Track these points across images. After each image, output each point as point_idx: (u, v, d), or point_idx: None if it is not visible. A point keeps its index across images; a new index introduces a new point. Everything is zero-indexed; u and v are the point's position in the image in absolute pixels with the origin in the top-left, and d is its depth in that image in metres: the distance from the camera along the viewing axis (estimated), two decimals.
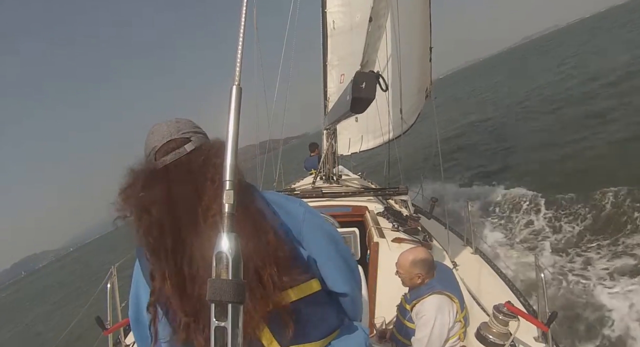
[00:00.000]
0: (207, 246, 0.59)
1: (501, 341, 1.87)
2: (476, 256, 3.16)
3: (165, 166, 0.78)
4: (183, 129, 0.82)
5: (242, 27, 0.58)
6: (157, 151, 0.80)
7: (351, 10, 5.37)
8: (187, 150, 0.79)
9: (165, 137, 0.81)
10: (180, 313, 0.73)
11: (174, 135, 0.81)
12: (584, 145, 8.55)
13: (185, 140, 0.81)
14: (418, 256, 1.87)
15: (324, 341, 0.80)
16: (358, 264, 1.00)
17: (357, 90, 1.88)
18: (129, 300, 0.86)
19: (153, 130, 0.84)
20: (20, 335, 14.73)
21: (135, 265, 0.85)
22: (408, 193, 3.85)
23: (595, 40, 29.79)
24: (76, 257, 69.38)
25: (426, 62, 4.41)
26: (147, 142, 0.83)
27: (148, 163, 0.80)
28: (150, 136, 0.83)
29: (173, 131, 0.82)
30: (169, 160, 0.78)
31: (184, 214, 0.74)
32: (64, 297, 17.04)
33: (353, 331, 0.87)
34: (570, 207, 6.13)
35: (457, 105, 25.78)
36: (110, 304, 2.32)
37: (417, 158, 10.96)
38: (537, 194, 6.96)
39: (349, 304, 0.91)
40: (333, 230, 0.93)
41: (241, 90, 0.56)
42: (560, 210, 6.20)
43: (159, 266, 0.75)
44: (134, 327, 0.86)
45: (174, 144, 0.80)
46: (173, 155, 0.78)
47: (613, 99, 10.96)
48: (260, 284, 0.72)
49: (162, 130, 0.82)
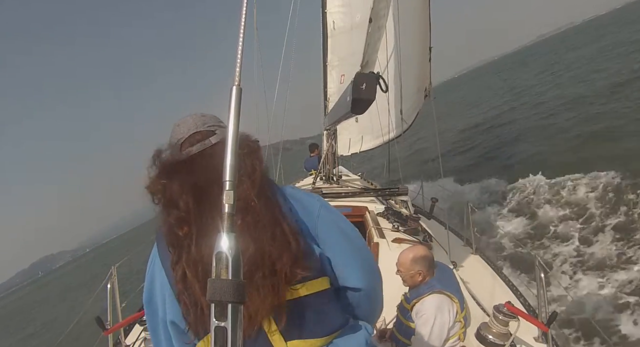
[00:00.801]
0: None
1: (501, 341, 1.87)
2: (476, 256, 3.17)
3: (191, 157, 0.80)
4: (208, 122, 0.85)
5: (242, 27, 0.58)
6: (182, 142, 0.82)
7: (351, 11, 5.37)
8: (212, 142, 0.82)
9: (191, 129, 0.83)
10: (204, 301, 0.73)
11: (200, 127, 0.84)
12: (588, 145, 8.54)
13: (210, 133, 0.83)
14: (418, 254, 1.88)
15: (326, 339, 0.80)
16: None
17: (357, 91, 1.88)
18: (145, 283, 0.86)
19: (179, 122, 0.86)
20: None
21: (154, 248, 0.85)
22: (408, 193, 3.85)
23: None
24: (92, 258, 70.00)
25: (426, 61, 4.41)
26: (173, 133, 0.85)
27: (173, 154, 0.82)
28: (177, 128, 0.85)
29: (199, 124, 0.84)
30: (195, 151, 0.80)
31: (207, 204, 0.75)
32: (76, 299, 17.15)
33: (357, 329, 0.86)
34: (570, 207, 6.14)
35: (461, 106, 25.77)
36: (111, 304, 2.32)
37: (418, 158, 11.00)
38: (537, 194, 6.97)
39: (364, 300, 0.90)
40: (348, 226, 0.92)
41: (241, 90, 0.56)
42: (560, 210, 6.20)
43: (183, 256, 0.75)
44: (147, 306, 0.86)
45: (200, 135, 0.82)
46: (198, 146, 0.81)
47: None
48: (273, 274, 0.73)
49: (188, 122, 0.85)
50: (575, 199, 6.27)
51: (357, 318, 0.91)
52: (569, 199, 6.35)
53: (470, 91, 38.94)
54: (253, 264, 0.71)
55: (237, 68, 0.56)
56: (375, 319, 1.03)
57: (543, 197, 6.77)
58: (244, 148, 0.79)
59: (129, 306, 2.66)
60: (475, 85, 43.13)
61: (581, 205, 6.05)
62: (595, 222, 5.53)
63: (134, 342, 2.32)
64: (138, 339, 2.32)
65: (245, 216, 0.74)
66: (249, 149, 0.80)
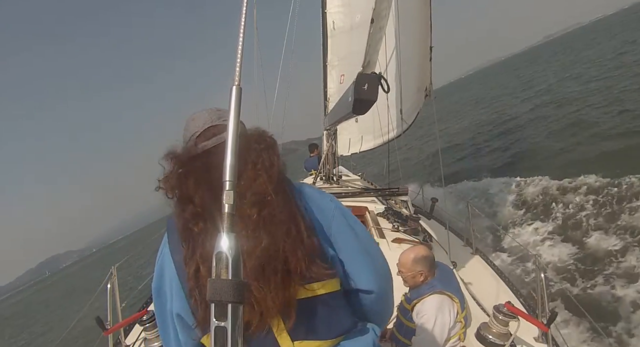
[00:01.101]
0: (238, 229, 0.61)
1: (501, 341, 1.87)
2: (476, 256, 3.17)
3: (207, 151, 0.78)
4: (223, 116, 0.83)
5: (242, 27, 0.58)
6: (198, 136, 0.81)
7: (351, 11, 5.38)
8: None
9: (207, 123, 0.82)
10: None
11: (215, 121, 0.83)
12: (593, 144, 8.50)
13: (226, 127, 0.82)
14: (419, 254, 1.88)
15: (333, 341, 0.79)
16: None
17: (359, 92, 1.88)
18: (155, 271, 0.84)
19: (194, 117, 0.85)
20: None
21: (164, 238, 0.84)
22: (408, 193, 3.86)
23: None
24: (98, 258, 70.08)
25: (426, 61, 4.40)
26: (188, 127, 0.84)
27: (189, 148, 0.80)
28: (191, 122, 0.84)
29: (214, 118, 0.83)
30: (210, 145, 0.79)
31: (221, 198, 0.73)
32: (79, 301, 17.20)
33: (364, 332, 0.86)
34: (571, 207, 6.13)
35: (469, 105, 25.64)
36: (111, 304, 2.32)
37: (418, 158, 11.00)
38: (537, 194, 6.97)
39: (375, 302, 0.89)
40: (361, 228, 0.92)
41: (241, 90, 0.56)
42: (562, 211, 6.20)
43: (197, 252, 0.73)
44: (155, 296, 0.84)
45: (215, 129, 0.82)
46: (215, 140, 0.79)
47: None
48: (285, 270, 0.72)
49: (203, 116, 0.84)
50: (574, 198, 6.27)
51: (367, 321, 0.90)
52: (570, 199, 6.35)
53: (479, 90, 38.83)
54: (266, 258, 0.70)
55: (237, 68, 0.56)
56: (386, 321, 1.02)
57: (546, 197, 6.77)
58: (261, 143, 0.78)
59: (129, 306, 2.66)
60: (487, 83, 42.99)
61: (581, 205, 6.04)
62: (595, 222, 5.53)
63: (134, 342, 2.32)
64: (138, 339, 2.32)
65: (261, 210, 0.72)
66: (266, 144, 0.79)
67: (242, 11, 0.60)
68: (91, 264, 57.85)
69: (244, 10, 0.60)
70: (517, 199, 7.24)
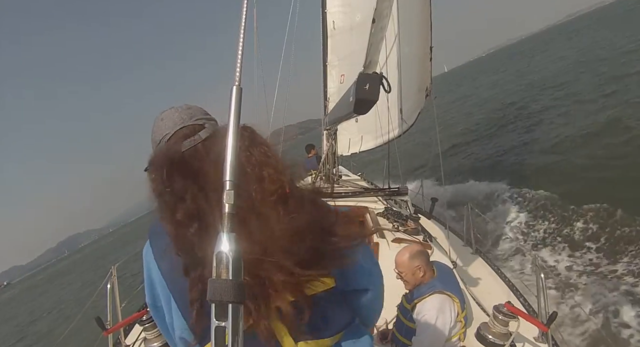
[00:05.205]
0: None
1: (501, 341, 1.88)
2: (476, 256, 3.17)
3: (182, 154, 0.73)
4: (195, 114, 0.79)
5: (242, 27, 0.58)
6: (169, 139, 0.77)
7: (351, 11, 5.38)
8: (202, 137, 0.75)
9: (178, 124, 0.77)
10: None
11: (187, 122, 0.77)
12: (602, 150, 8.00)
13: (199, 127, 0.77)
14: (413, 250, 1.92)
15: (332, 339, 0.79)
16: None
17: (360, 92, 1.88)
18: (145, 286, 0.81)
19: (163, 116, 0.79)
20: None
21: (145, 247, 0.79)
22: (408, 193, 3.86)
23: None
24: (115, 238, 73.78)
25: (426, 61, 4.41)
26: (157, 129, 0.78)
27: (172, 149, 0.74)
28: (160, 123, 0.78)
29: (185, 118, 0.78)
30: (185, 148, 0.74)
31: (215, 203, 0.67)
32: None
33: (360, 334, 0.85)
34: (571, 207, 6.13)
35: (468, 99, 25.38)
36: (110, 304, 2.32)
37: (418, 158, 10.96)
38: (537, 194, 6.97)
39: (369, 302, 0.89)
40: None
41: (241, 90, 0.56)
42: (561, 211, 6.20)
43: (197, 258, 0.68)
44: (153, 311, 0.83)
45: (187, 130, 0.76)
46: (189, 143, 0.75)
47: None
48: (291, 266, 0.69)
49: (173, 116, 0.78)
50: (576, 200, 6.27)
51: (360, 320, 0.90)
52: (570, 200, 6.34)
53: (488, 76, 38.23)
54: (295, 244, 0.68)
55: (237, 68, 0.56)
56: (376, 319, 1.03)
57: (543, 197, 6.76)
58: (245, 140, 0.74)
59: (129, 306, 2.66)
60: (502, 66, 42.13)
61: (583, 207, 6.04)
62: (595, 224, 5.53)
63: (134, 342, 2.32)
64: (138, 339, 2.33)
65: (285, 205, 0.70)
66: (250, 141, 0.75)
67: (242, 11, 0.60)
68: (106, 245, 60.69)
69: (244, 10, 0.60)
70: (517, 199, 7.24)
